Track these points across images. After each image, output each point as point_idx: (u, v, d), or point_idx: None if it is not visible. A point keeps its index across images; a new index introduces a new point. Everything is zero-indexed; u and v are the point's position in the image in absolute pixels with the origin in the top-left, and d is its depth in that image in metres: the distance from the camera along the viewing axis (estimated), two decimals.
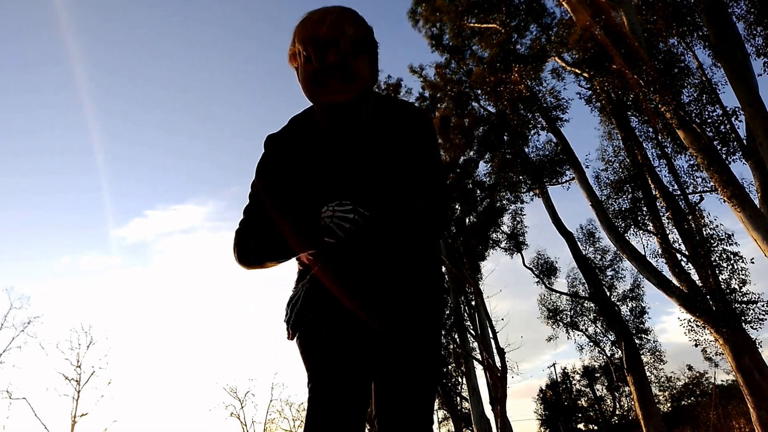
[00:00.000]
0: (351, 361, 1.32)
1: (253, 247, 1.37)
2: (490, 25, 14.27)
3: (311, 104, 1.40)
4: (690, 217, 10.96)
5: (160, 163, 49.59)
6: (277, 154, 1.43)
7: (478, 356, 16.78)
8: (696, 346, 11.66)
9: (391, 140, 1.39)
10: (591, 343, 19.17)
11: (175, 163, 50.80)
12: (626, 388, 26.36)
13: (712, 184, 9.64)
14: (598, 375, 31.61)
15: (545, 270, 17.22)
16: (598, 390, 32.55)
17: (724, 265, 10.53)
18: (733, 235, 10.92)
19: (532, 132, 14.22)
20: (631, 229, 12.19)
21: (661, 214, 11.35)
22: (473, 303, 17.79)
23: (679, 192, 11.31)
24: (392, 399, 1.35)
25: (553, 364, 34.06)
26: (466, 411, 20.73)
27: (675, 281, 10.53)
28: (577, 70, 12.39)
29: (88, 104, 41.37)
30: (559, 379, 34.11)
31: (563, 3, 11.48)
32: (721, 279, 10.36)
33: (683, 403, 30.13)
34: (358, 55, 1.27)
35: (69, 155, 45.06)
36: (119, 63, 45.09)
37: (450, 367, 20.64)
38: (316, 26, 1.24)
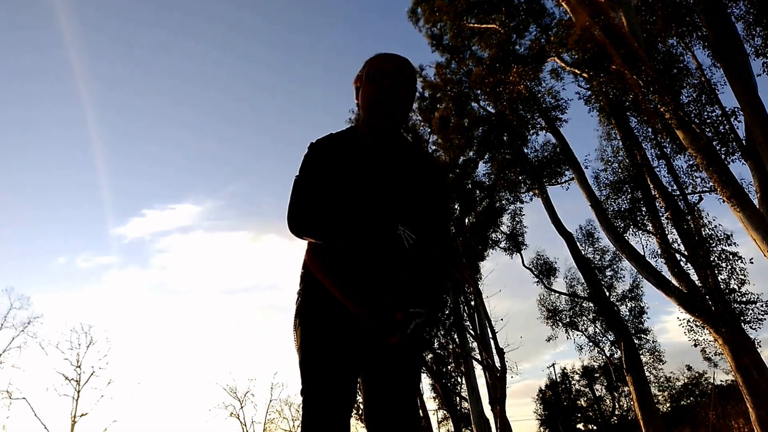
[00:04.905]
0: (338, 358, 1.50)
1: (309, 223, 1.57)
2: (489, 26, 14.27)
3: (347, 126, 1.74)
4: (689, 218, 10.96)
5: (158, 161, 49.59)
6: (322, 156, 1.64)
7: (478, 356, 16.79)
8: (695, 346, 11.66)
9: (418, 175, 1.67)
10: (590, 343, 19.19)
11: (173, 161, 50.79)
12: (625, 388, 26.34)
13: (711, 184, 9.64)
14: (597, 375, 31.62)
15: (544, 270, 17.23)
16: (597, 390, 32.58)
17: (723, 265, 10.53)
18: (732, 235, 10.94)
19: (532, 132, 14.24)
20: (631, 230, 12.19)
21: (661, 214, 11.34)
22: (473, 303, 17.79)
23: (678, 192, 11.32)
24: (380, 393, 1.53)
25: (553, 364, 34.12)
26: (466, 411, 20.72)
27: (674, 281, 10.52)
28: (576, 71, 12.38)
29: (87, 100, 41.35)
30: (558, 379, 34.13)
31: (563, 3, 11.47)
32: (720, 279, 10.36)
33: (682, 403, 30.13)
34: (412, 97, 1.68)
35: (67, 153, 45.05)
36: (118, 58, 45.04)
37: (450, 367, 20.64)
38: (397, 72, 1.61)
